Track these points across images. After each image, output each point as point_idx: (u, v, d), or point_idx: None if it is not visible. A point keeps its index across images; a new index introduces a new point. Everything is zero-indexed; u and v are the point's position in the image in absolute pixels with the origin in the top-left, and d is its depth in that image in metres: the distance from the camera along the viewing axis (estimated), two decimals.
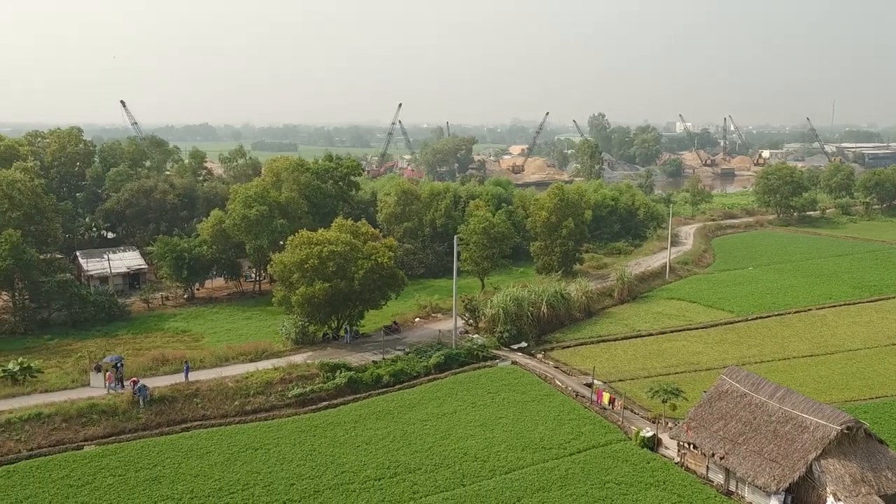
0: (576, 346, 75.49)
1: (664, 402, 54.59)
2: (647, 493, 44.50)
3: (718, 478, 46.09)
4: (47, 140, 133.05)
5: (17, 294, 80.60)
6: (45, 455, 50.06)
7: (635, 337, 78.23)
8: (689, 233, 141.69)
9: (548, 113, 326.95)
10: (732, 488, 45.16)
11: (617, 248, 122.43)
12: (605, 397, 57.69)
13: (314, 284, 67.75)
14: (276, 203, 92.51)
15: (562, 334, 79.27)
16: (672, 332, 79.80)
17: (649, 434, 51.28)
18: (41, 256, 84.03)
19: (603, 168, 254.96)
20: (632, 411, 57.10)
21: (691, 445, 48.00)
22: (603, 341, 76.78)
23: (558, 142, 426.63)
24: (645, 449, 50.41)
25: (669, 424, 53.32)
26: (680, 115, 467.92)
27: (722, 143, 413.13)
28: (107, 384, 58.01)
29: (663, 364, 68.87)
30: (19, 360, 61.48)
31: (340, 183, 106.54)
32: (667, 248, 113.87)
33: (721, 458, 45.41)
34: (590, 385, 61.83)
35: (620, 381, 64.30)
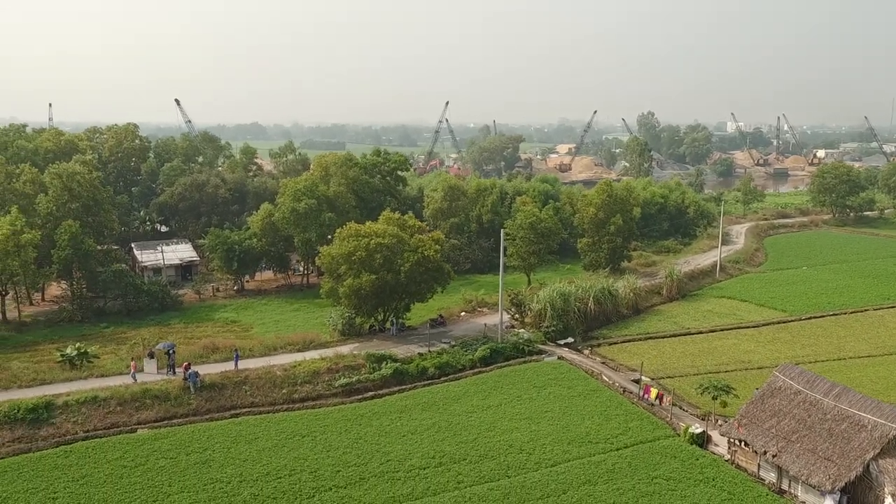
0: (623, 342, 74.59)
1: (714, 398, 53.49)
2: (696, 490, 43.71)
3: (770, 476, 45.03)
4: (105, 136, 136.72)
5: (75, 283, 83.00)
6: (101, 437, 51.45)
7: (684, 335, 76.95)
8: (740, 232, 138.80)
9: (595, 111, 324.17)
10: (785, 487, 44.08)
11: (666, 247, 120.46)
12: (653, 393, 56.83)
13: (361, 276, 68.25)
14: (324, 197, 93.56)
15: (608, 331, 78.44)
16: (722, 330, 78.26)
17: (698, 430, 50.36)
18: (98, 247, 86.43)
19: (652, 167, 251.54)
20: (680, 408, 56.15)
21: (742, 443, 47.00)
22: (651, 338, 75.71)
23: (606, 141, 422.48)
24: (694, 446, 49.51)
25: (719, 422, 52.29)
26: (732, 114, 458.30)
27: (775, 143, 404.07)
28: (132, 372, 58.77)
29: (713, 362, 67.57)
30: (77, 346, 63.37)
31: (388, 178, 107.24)
32: (717, 247, 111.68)
33: (773, 456, 44.35)
34: (637, 381, 61.01)
35: (669, 377, 63.38)
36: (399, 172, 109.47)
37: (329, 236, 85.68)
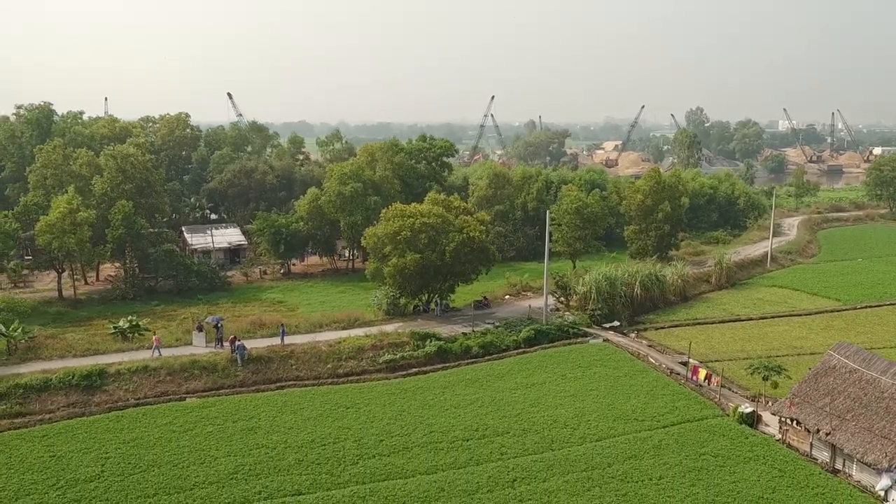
0: (670, 327, 73.41)
1: (765, 379, 52.30)
2: (746, 467, 42.73)
3: (823, 455, 43.80)
4: (157, 125, 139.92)
5: (127, 262, 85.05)
6: (151, 404, 52.60)
7: (733, 321, 75.40)
8: (792, 224, 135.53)
9: (643, 106, 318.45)
10: (839, 466, 42.83)
11: (715, 238, 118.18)
12: (702, 373, 55.76)
13: (406, 256, 68.42)
14: (370, 181, 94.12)
15: (655, 316, 77.32)
16: (773, 317, 76.44)
17: (748, 410, 49.24)
18: (151, 230, 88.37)
19: (700, 162, 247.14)
20: (730, 389, 54.99)
21: (794, 421, 45.83)
22: (699, 324, 74.39)
23: (653, 138, 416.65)
24: (743, 425, 48.41)
25: (770, 403, 51.09)
26: (784, 110, 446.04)
27: (829, 140, 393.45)
28: (153, 346, 59.28)
29: (764, 347, 65.96)
30: (129, 318, 64.88)
31: (433, 164, 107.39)
32: (767, 238, 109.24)
33: (827, 435, 43.13)
34: (685, 363, 59.94)
35: (717, 361, 61.96)
36: (444, 158, 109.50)
37: (375, 222, 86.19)
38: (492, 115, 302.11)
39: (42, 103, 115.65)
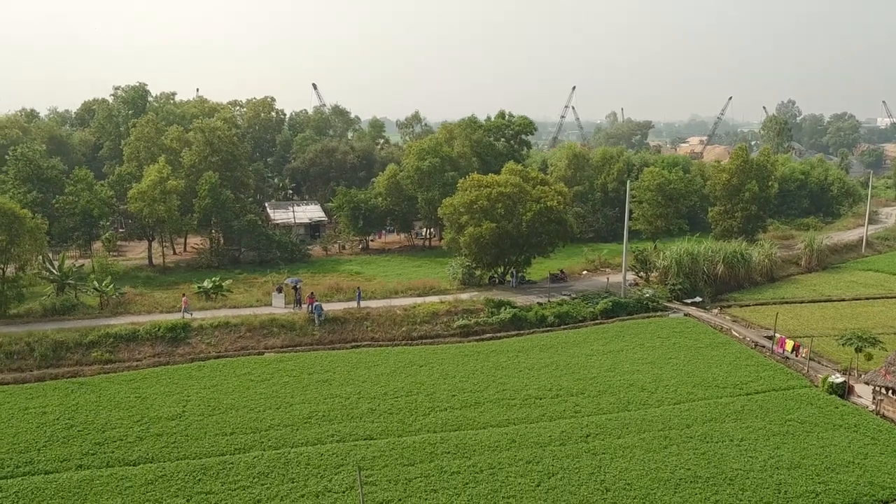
0: (755, 305, 70.55)
1: (858, 350, 49.59)
2: (835, 433, 40.55)
3: None
4: (244, 108, 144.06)
5: (213, 232, 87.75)
6: (231, 357, 54.16)
7: (824, 301, 71.95)
8: (890, 213, 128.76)
9: (731, 98, 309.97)
10: None
11: (805, 224, 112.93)
12: (789, 344, 53.34)
13: (482, 225, 68.13)
14: (447, 157, 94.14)
15: (740, 294, 74.63)
16: (868, 298, 72.60)
17: (839, 381, 46.80)
18: (235, 203, 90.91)
19: (791, 153, 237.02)
20: (818, 363, 52.47)
21: (889, 391, 43.22)
22: (787, 303, 71.16)
23: (741, 133, 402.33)
24: (833, 395, 46.09)
25: (862, 376, 48.40)
26: (883, 103, 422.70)
27: None
28: (184, 308, 59.89)
29: (856, 325, 62.12)
30: (213, 279, 66.95)
31: (511, 141, 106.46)
32: (863, 225, 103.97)
33: None
34: (770, 338, 57.49)
35: (805, 336, 59.08)
36: (523, 136, 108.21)
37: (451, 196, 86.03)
38: (573, 108, 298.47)
39: (137, 84, 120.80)
